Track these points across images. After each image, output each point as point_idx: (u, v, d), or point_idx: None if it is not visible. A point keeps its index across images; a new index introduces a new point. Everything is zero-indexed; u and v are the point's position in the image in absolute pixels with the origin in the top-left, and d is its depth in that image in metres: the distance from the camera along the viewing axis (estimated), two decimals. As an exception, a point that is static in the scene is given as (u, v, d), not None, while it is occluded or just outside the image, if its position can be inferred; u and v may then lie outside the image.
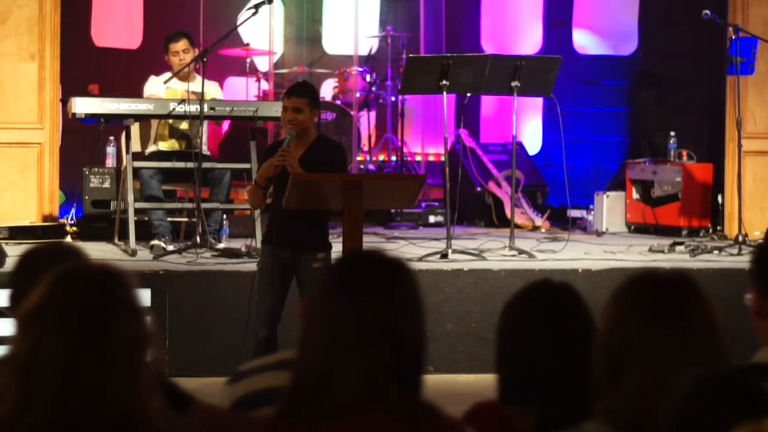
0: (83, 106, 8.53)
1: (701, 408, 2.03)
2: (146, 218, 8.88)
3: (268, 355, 3.41)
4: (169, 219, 9.01)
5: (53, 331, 2.29)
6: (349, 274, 2.59)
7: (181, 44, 9.16)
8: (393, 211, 10.62)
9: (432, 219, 10.75)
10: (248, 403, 2.99)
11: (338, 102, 11.43)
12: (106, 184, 9.40)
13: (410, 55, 9.82)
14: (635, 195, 10.63)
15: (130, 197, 8.49)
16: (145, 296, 6.91)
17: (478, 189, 11.00)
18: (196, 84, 8.70)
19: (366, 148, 11.65)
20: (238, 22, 9.48)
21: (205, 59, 8.48)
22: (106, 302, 2.34)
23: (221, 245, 8.60)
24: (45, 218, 9.17)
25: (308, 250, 6.53)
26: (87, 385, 2.27)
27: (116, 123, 8.87)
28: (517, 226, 9.54)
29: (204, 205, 8.55)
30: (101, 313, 2.32)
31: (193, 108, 8.51)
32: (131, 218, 8.47)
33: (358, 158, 11.40)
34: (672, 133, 10.58)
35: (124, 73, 11.28)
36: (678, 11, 11.56)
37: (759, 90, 10.00)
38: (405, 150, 11.61)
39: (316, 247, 6.55)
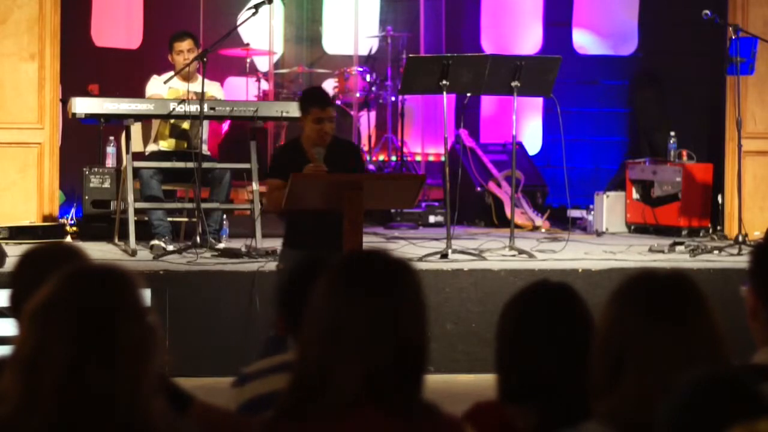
0: (83, 106, 8.52)
1: (698, 409, 2.03)
2: (146, 218, 8.87)
3: (276, 353, 3.39)
4: (169, 219, 9.01)
5: (57, 332, 2.29)
6: (352, 272, 2.59)
7: (186, 44, 9.16)
8: (393, 211, 10.61)
9: (432, 219, 10.75)
10: (257, 406, 2.98)
11: (338, 102, 11.42)
12: (106, 184, 9.39)
13: (410, 55, 9.80)
14: (635, 195, 10.62)
15: (130, 197, 8.49)
16: (145, 296, 6.86)
17: (478, 189, 11.00)
18: (197, 84, 8.70)
19: (366, 148, 11.64)
20: (238, 22, 9.48)
21: (205, 59, 8.49)
22: (110, 303, 2.34)
23: (221, 245, 8.59)
24: (45, 218, 9.16)
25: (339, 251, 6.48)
26: (90, 385, 2.27)
27: (116, 123, 8.87)
28: (517, 226, 9.54)
29: (204, 205, 8.54)
30: (105, 314, 2.32)
31: (194, 108, 8.51)
32: (131, 218, 8.46)
33: (358, 158, 11.40)
34: (672, 133, 10.57)
35: (124, 73, 11.28)
36: (678, 11, 11.55)
37: (759, 90, 10.00)
38: (405, 150, 11.60)
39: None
